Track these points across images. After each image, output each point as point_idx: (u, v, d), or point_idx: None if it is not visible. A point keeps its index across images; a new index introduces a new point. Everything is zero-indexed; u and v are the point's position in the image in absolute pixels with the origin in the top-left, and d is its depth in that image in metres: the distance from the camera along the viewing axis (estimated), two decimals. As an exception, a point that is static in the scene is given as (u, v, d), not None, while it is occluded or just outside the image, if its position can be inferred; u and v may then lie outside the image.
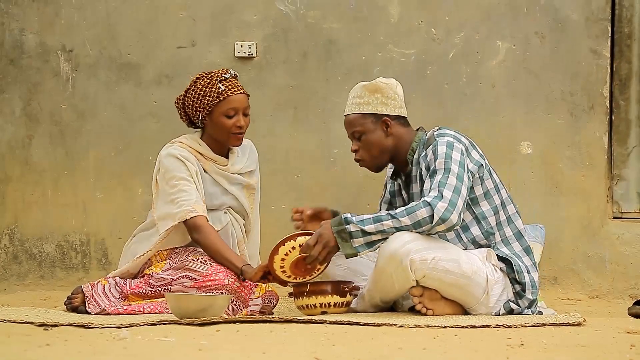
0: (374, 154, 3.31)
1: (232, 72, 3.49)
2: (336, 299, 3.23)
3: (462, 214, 3.12)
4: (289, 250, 3.19)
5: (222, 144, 3.49)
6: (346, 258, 3.14)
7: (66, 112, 4.11)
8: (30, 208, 4.12)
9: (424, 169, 3.23)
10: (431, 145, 3.21)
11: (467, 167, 3.19)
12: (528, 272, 3.23)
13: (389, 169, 3.50)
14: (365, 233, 3.08)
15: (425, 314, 3.14)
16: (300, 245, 3.17)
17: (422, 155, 3.24)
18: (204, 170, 3.47)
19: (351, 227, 3.09)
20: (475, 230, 3.24)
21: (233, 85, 3.45)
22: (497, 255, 3.23)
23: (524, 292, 3.20)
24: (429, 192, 3.12)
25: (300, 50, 4.06)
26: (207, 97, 3.41)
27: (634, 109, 4.03)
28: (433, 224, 3.07)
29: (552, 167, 3.99)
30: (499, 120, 4.01)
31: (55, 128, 4.11)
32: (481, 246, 3.25)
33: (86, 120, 4.10)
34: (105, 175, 4.07)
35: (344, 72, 4.05)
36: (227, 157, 3.53)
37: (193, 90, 3.45)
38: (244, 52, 4.05)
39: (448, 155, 3.16)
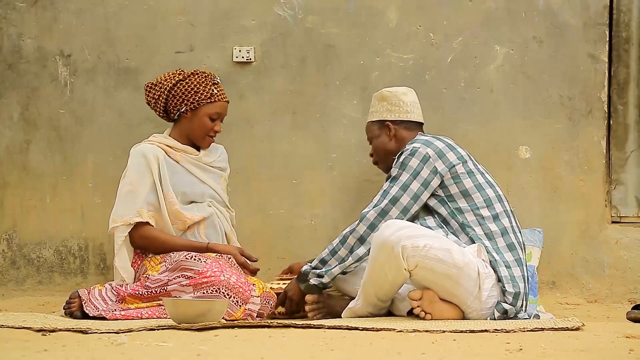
0: (380, 156, 3.59)
1: (219, 79, 3.65)
2: (280, 308, 3.45)
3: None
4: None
5: (190, 141, 3.62)
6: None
7: (64, 117, 4.11)
8: (28, 213, 4.11)
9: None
10: (403, 150, 3.42)
11: (428, 174, 3.32)
12: (507, 267, 3.24)
13: None
14: (321, 273, 3.37)
15: (423, 318, 3.14)
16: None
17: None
18: (176, 162, 3.54)
19: (310, 274, 3.37)
20: (453, 223, 3.32)
21: (222, 92, 3.61)
22: None
23: (504, 287, 3.20)
24: (373, 200, 3.36)
25: (298, 55, 4.06)
26: (199, 94, 3.54)
27: (632, 114, 4.03)
28: (356, 227, 3.31)
29: (550, 172, 3.99)
30: (497, 124, 4.01)
31: (54, 133, 4.11)
32: (458, 238, 3.29)
33: (84, 125, 4.10)
34: (103, 180, 4.07)
35: (343, 77, 4.05)
36: (198, 150, 3.65)
37: (187, 83, 3.56)
38: (243, 57, 4.05)
39: (405, 163, 3.36)
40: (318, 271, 3.37)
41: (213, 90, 3.55)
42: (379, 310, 3.29)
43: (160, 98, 3.56)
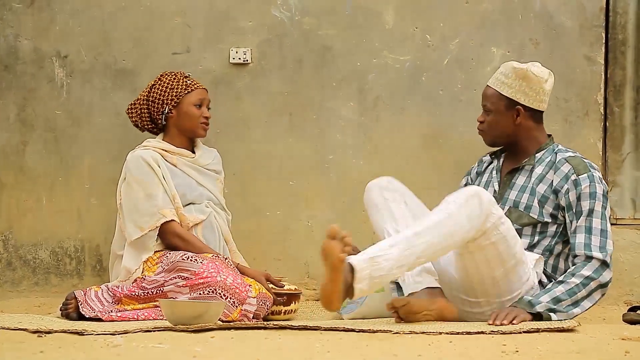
0: (494, 134, 3.33)
1: (187, 73, 3.68)
2: (275, 307, 3.45)
3: None
4: None
5: (185, 140, 3.63)
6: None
7: (61, 118, 4.11)
8: (24, 214, 4.11)
9: (559, 183, 3.22)
10: (587, 174, 3.21)
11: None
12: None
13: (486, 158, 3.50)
14: (557, 310, 3.07)
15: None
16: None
17: (568, 175, 3.22)
18: (174, 165, 3.55)
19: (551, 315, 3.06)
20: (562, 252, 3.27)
21: (196, 81, 3.65)
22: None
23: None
24: (594, 242, 3.14)
25: (295, 56, 4.06)
26: (176, 89, 3.59)
27: (628, 116, 4.04)
28: (601, 274, 3.12)
29: (546, 174, 3.99)
30: (493, 126, 4.01)
31: (50, 134, 4.11)
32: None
33: (81, 126, 4.10)
34: (100, 181, 4.07)
35: (339, 79, 4.05)
36: (193, 152, 3.66)
37: (160, 85, 3.62)
38: (239, 59, 4.05)
39: (604, 201, 3.19)
40: (554, 308, 3.05)
41: (187, 82, 3.61)
42: (396, 274, 2.93)
43: (143, 111, 3.62)
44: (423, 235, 2.91)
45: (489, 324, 2.96)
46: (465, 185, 3.56)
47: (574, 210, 3.20)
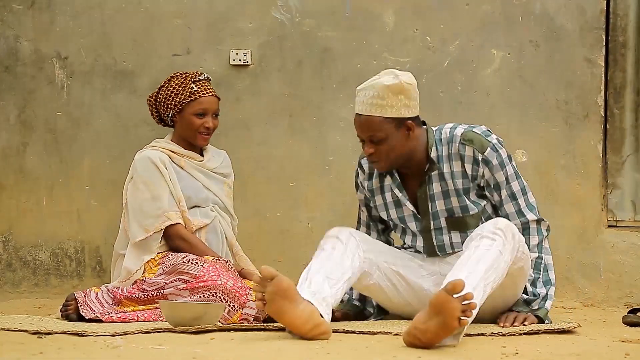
0: (391, 159, 3.11)
1: (205, 75, 3.60)
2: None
3: None
4: None
5: (190, 143, 3.60)
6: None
7: (61, 119, 4.11)
8: (24, 216, 4.11)
9: (473, 169, 3.18)
10: (489, 147, 3.16)
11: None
12: None
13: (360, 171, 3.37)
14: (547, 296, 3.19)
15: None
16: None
17: (475, 157, 3.17)
18: (181, 167, 3.54)
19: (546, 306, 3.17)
20: None
21: (205, 87, 3.57)
22: None
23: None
24: (522, 205, 3.20)
25: (295, 58, 4.06)
26: (180, 96, 3.53)
27: (629, 118, 4.04)
28: (545, 237, 3.24)
29: (546, 176, 3.99)
30: (493, 128, 3.97)
31: (50, 135, 4.11)
32: None
33: (81, 127, 4.10)
34: (99, 183, 4.07)
35: (339, 81, 4.05)
36: (201, 155, 3.63)
37: (167, 87, 3.57)
38: (239, 60, 4.05)
39: (510, 158, 3.22)
40: (538, 293, 3.16)
41: (192, 88, 3.54)
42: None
43: (153, 108, 3.61)
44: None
45: (501, 326, 3.02)
46: (365, 198, 3.38)
47: (492, 185, 3.20)
